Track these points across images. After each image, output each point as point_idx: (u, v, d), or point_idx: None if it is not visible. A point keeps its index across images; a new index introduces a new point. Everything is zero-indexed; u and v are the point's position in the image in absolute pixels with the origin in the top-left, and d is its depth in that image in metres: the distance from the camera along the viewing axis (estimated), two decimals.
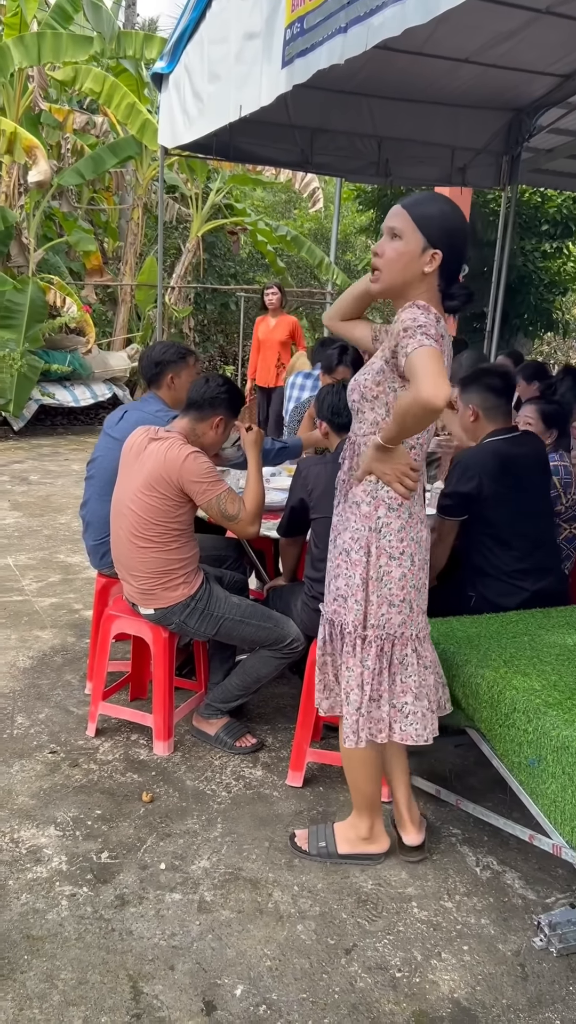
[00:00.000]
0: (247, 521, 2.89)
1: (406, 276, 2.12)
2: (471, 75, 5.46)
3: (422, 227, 2.08)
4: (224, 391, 2.94)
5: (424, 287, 2.14)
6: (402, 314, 2.08)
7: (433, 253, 2.09)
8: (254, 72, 3.94)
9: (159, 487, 2.80)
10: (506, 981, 2.10)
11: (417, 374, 1.95)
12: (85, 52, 7.95)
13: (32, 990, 1.98)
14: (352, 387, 2.26)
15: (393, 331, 2.09)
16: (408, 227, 2.09)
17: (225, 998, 2.00)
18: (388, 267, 2.13)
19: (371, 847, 2.51)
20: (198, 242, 11.33)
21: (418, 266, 2.10)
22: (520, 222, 10.38)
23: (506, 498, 2.90)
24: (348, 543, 2.27)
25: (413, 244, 2.09)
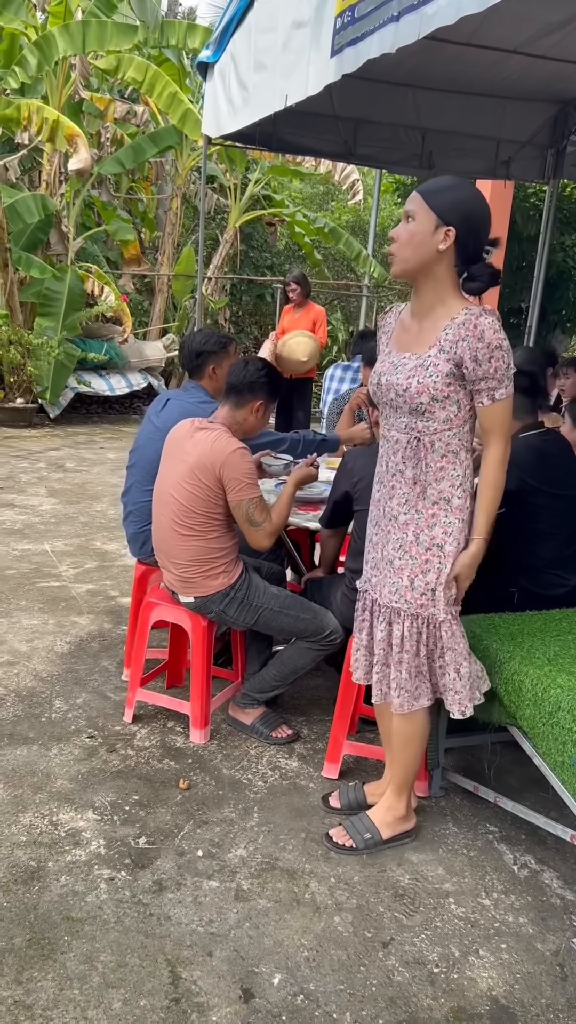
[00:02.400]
0: (267, 532, 2.89)
1: (420, 255, 2.16)
2: (519, 66, 5.38)
3: (433, 205, 2.13)
4: (263, 375, 2.93)
5: (442, 267, 2.17)
6: (482, 325, 2.12)
7: (447, 230, 2.12)
8: (301, 61, 3.91)
9: (203, 476, 2.80)
10: (545, 981, 2.09)
11: (505, 429, 2.22)
12: (129, 41, 7.97)
13: (72, 971, 2.00)
14: (418, 389, 2.21)
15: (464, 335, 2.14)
16: (420, 207, 2.14)
17: (263, 986, 2.00)
18: (402, 248, 2.18)
19: (408, 824, 2.57)
20: (235, 233, 11.33)
21: (432, 244, 2.14)
22: (561, 217, 10.26)
23: (544, 490, 2.87)
24: (441, 538, 2.29)
25: (426, 223, 2.14)
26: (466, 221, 2.13)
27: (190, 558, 2.89)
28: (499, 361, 2.14)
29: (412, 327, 2.30)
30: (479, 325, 2.13)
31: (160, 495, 2.97)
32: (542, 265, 7.35)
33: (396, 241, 2.19)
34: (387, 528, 2.38)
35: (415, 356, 2.25)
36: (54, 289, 8.80)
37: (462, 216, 2.13)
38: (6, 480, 6.68)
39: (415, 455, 2.29)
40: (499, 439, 2.24)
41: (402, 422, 2.30)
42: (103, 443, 8.54)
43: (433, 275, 2.19)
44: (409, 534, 2.32)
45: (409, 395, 2.23)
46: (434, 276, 2.19)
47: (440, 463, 2.27)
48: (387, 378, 2.30)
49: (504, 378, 2.17)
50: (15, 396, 8.99)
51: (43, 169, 9.38)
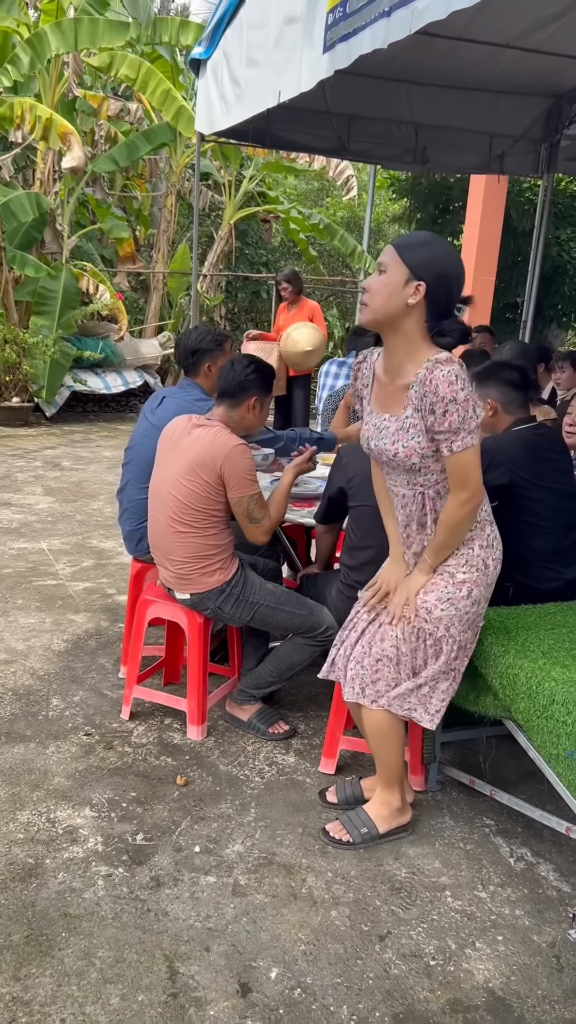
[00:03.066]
0: (265, 529, 2.91)
1: (389, 308, 2.17)
2: (512, 60, 5.38)
3: (405, 259, 2.14)
4: (252, 372, 2.93)
5: (412, 321, 2.19)
6: (436, 378, 2.13)
7: (417, 284, 2.14)
8: (294, 57, 3.91)
9: (201, 472, 2.80)
10: (541, 972, 2.10)
11: (467, 477, 2.21)
12: (121, 38, 7.95)
13: (70, 967, 2.01)
14: (406, 453, 2.26)
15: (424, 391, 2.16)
16: (393, 260, 2.16)
17: (260, 980, 2.01)
18: (372, 299, 2.19)
19: (404, 818, 2.58)
20: (230, 230, 11.33)
21: (402, 298, 2.15)
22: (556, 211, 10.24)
23: (536, 483, 2.88)
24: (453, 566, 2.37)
25: (397, 276, 2.15)
26: (437, 277, 2.15)
27: (186, 555, 2.90)
28: (453, 415, 2.14)
29: (387, 385, 2.32)
30: (433, 380, 2.14)
31: (156, 492, 2.97)
32: (537, 260, 7.35)
33: (368, 291, 2.21)
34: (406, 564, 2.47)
35: (394, 418, 2.28)
36: (49, 288, 8.79)
37: (434, 272, 2.14)
38: (2, 479, 6.68)
39: (425, 507, 2.35)
40: (460, 487, 2.24)
41: (403, 479, 2.36)
42: (99, 441, 8.54)
43: (402, 330, 2.20)
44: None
45: (399, 459, 2.28)
46: (403, 331, 2.20)
47: (441, 502, 2.34)
48: (375, 443, 2.35)
49: (460, 430, 2.16)
50: (11, 395, 8.98)
51: (37, 167, 9.36)
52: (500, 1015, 1.96)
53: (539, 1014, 1.97)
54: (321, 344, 6.97)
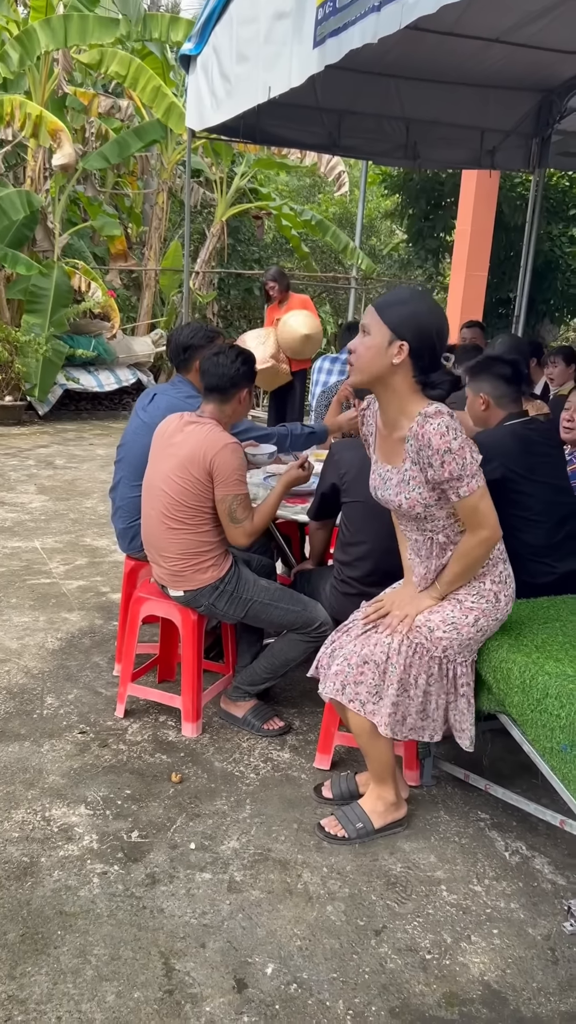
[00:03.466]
0: (247, 532, 2.89)
1: (374, 368, 2.23)
2: (501, 55, 5.38)
3: (387, 320, 2.19)
4: (239, 364, 2.92)
5: (399, 378, 2.24)
6: (427, 432, 2.18)
7: (400, 344, 2.19)
8: (284, 53, 3.90)
9: (193, 469, 2.80)
10: (536, 965, 2.10)
11: (481, 518, 2.26)
12: (111, 35, 7.92)
13: (66, 965, 2.01)
14: (409, 504, 2.32)
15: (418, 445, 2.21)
16: (374, 321, 2.21)
17: (256, 976, 2.01)
18: (358, 360, 2.25)
19: (399, 813, 2.59)
20: (222, 227, 11.31)
21: (386, 358, 2.21)
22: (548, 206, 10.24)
23: (528, 478, 2.88)
24: (462, 594, 2.41)
25: (379, 337, 2.20)
26: (419, 335, 2.19)
27: (180, 552, 2.89)
28: (451, 464, 2.19)
29: (387, 437, 2.38)
30: (425, 433, 2.19)
31: (149, 489, 2.97)
32: (529, 255, 7.36)
33: (353, 353, 2.26)
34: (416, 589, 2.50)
35: (395, 470, 2.34)
36: (41, 286, 8.76)
37: (414, 330, 2.19)
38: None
39: (437, 550, 2.40)
40: (477, 527, 2.29)
41: (412, 525, 2.41)
42: (92, 439, 8.52)
43: (391, 386, 2.26)
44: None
45: (404, 510, 2.34)
46: (392, 387, 2.26)
47: (455, 539, 2.38)
48: (381, 493, 2.42)
49: (463, 476, 2.21)
50: (3, 394, 8.95)
51: (27, 165, 9.33)
52: (495, 1008, 1.97)
53: (534, 1006, 1.98)
54: (318, 329, 6.79)
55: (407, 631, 2.38)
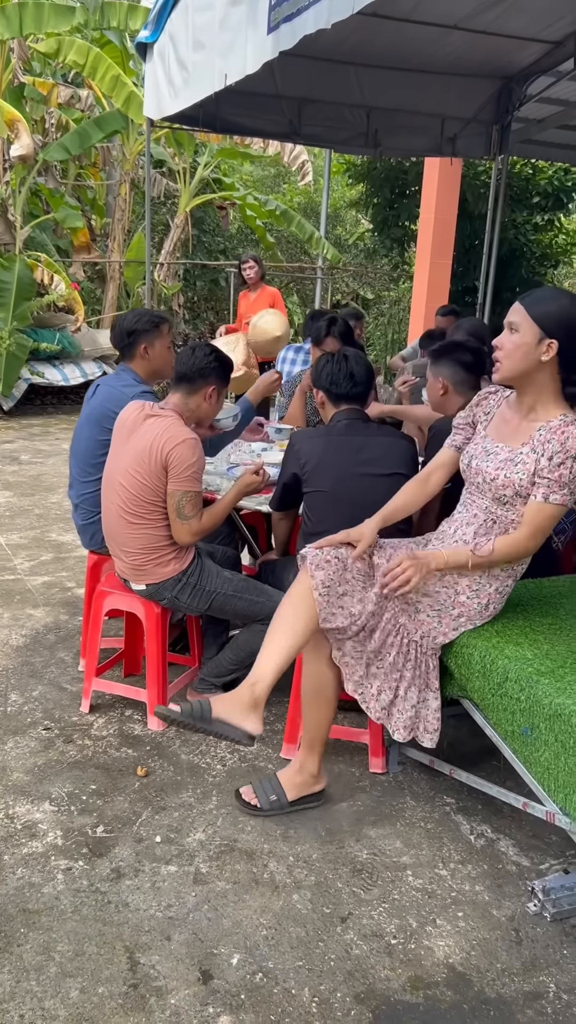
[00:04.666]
0: (192, 531, 2.85)
1: (524, 366, 2.26)
2: (460, 42, 5.37)
3: (536, 318, 2.21)
4: (212, 360, 2.91)
5: (545, 375, 2.27)
6: (570, 433, 2.21)
7: (550, 343, 2.21)
8: (239, 39, 3.87)
9: (151, 463, 2.77)
10: (500, 946, 2.12)
11: (540, 530, 2.29)
12: (67, 23, 7.81)
13: (29, 962, 1.99)
14: (504, 483, 2.33)
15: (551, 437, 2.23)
16: (524, 319, 2.23)
17: (222, 967, 2.01)
18: (507, 358, 2.27)
19: (316, 786, 2.62)
20: (186, 217, 11.23)
21: (535, 356, 2.23)
22: (511, 194, 10.28)
23: None
24: (465, 591, 2.42)
25: (529, 335, 2.22)
26: (571, 334, 2.21)
27: (140, 546, 2.87)
28: (566, 470, 2.22)
29: (512, 420, 2.39)
30: (567, 432, 2.22)
31: (109, 483, 2.94)
32: (493, 243, 7.38)
33: (500, 350, 2.28)
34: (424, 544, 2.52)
35: (508, 448, 2.35)
36: (2, 279, 8.64)
37: (566, 328, 2.21)
38: None
39: (487, 534, 2.40)
40: (533, 534, 2.31)
41: (483, 504, 2.41)
42: (59, 434, 8.44)
43: (535, 381, 2.29)
44: (448, 578, 2.44)
45: (496, 485, 2.34)
46: (536, 382, 2.29)
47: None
48: (477, 463, 2.41)
49: (565, 487, 2.24)
50: None
51: None
52: (460, 990, 1.98)
53: (498, 987, 1.99)
54: (288, 330, 6.95)
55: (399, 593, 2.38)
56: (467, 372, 3.03)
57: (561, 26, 5.21)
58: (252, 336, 6.75)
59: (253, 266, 7.34)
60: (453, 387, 3.02)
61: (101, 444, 3.15)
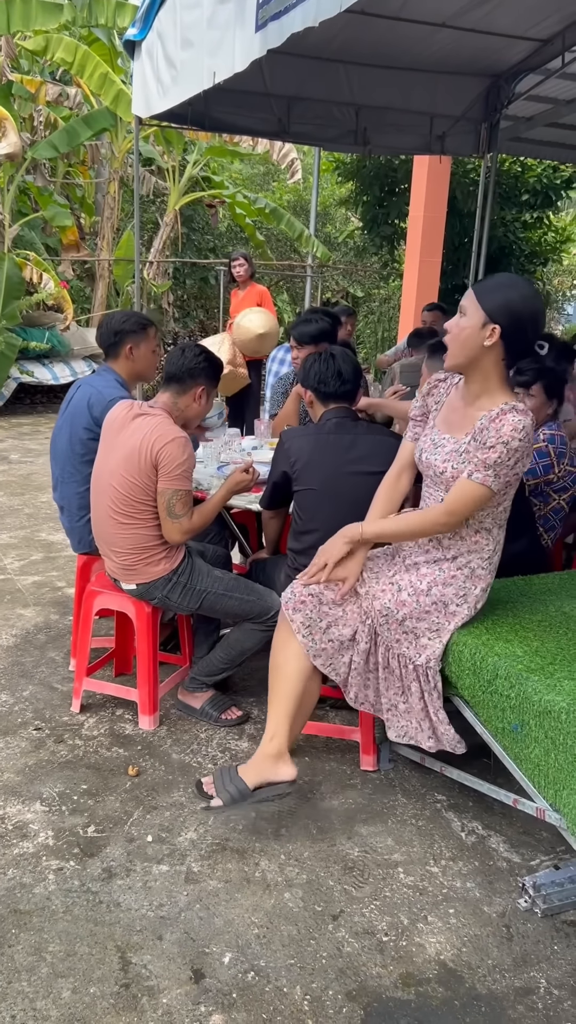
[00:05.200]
0: (183, 529, 2.85)
1: (467, 350, 2.27)
2: (448, 40, 5.37)
3: (483, 303, 2.23)
4: (202, 360, 2.91)
5: (489, 361, 2.28)
6: (506, 420, 2.21)
7: (493, 328, 2.22)
8: (227, 37, 3.86)
9: (140, 462, 2.77)
10: (492, 942, 2.13)
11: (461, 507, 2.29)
12: (55, 20, 7.78)
13: (20, 963, 1.99)
14: (452, 474, 2.34)
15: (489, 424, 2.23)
16: (472, 303, 2.25)
17: (213, 966, 2.01)
18: (453, 341, 2.29)
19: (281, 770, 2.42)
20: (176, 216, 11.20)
21: (478, 340, 2.24)
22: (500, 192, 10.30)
23: None
24: (451, 598, 2.41)
25: (474, 319, 2.24)
26: (513, 320, 2.22)
27: (130, 546, 2.86)
28: (495, 452, 2.22)
29: (459, 409, 2.40)
30: (503, 420, 2.23)
31: (98, 483, 2.93)
32: (483, 241, 7.38)
33: (449, 333, 2.30)
34: (400, 567, 2.51)
35: (453, 440, 2.36)
36: None
37: (510, 315, 2.22)
38: None
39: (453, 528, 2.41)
40: (451, 509, 2.32)
41: (439, 496, 2.41)
42: (48, 433, 8.38)
43: (481, 368, 2.29)
44: (424, 583, 2.42)
45: (445, 478, 2.35)
46: (482, 369, 2.30)
47: (475, 537, 2.41)
48: (427, 456, 2.43)
49: (490, 468, 2.23)
50: None
51: None
52: (452, 986, 1.99)
53: (489, 983, 2.00)
54: (274, 327, 6.92)
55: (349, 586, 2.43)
56: None
57: (549, 24, 5.21)
58: (237, 335, 6.76)
59: (243, 264, 7.35)
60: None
61: (81, 443, 3.16)
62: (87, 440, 3.14)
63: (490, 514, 2.38)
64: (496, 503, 2.36)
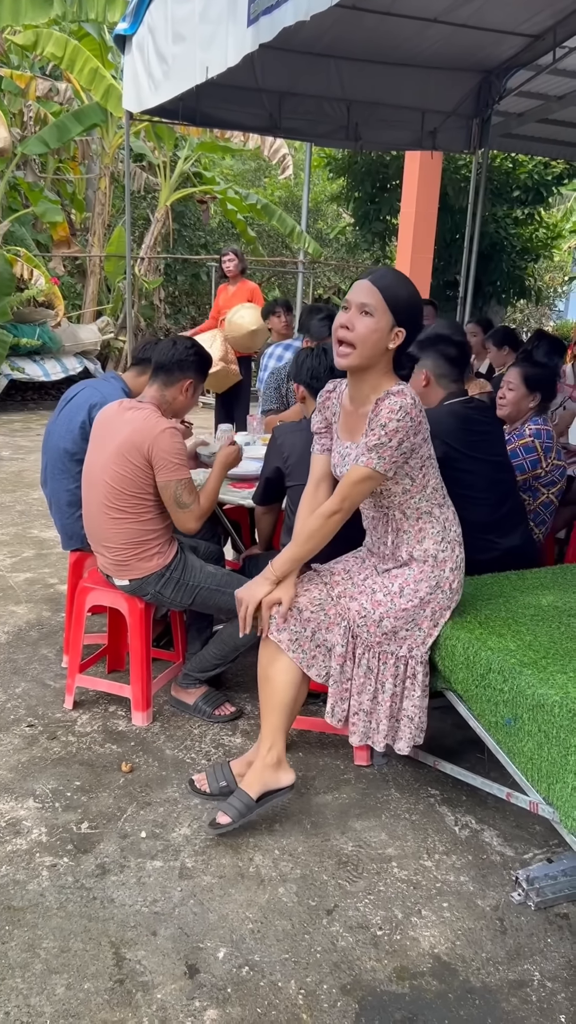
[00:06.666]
0: (195, 515, 2.86)
1: (376, 352, 2.24)
2: (440, 36, 5.38)
3: (391, 305, 2.20)
4: (192, 353, 2.91)
5: (386, 360, 2.30)
6: (383, 405, 2.21)
7: (398, 331, 2.23)
8: (219, 32, 3.85)
9: (131, 456, 2.76)
10: (485, 935, 2.13)
11: (348, 493, 2.29)
12: (44, 15, 7.72)
13: (14, 960, 1.98)
14: None
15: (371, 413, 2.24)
16: (379, 304, 2.20)
17: (208, 961, 2.01)
18: (363, 343, 2.22)
19: (282, 777, 2.45)
20: (167, 212, 11.18)
21: (385, 343, 2.24)
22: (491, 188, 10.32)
23: (469, 455, 2.91)
24: (424, 590, 2.42)
25: (384, 322, 2.21)
26: (414, 322, 2.25)
27: (123, 541, 2.86)
28: (374, 436, 2.23)
29: (352, 413, 2.40)
30: (381, 406, 2.23)
31: (89, 478, 2.92)
32: (474, 237, 7.40)
33: (352, 331, 2.21)
34: (371, 571, 2.53)
35: (355, 445, 2.36)
36: None
37: (411, 317, 2.25)
38: None
39: (392, 526, 2.44)
40: (337, 500, 2.32)
41: (369, 501, 2.43)
42: (40, 430, 8.39)
43: (376, 368, 2.30)
44: (395, 585, 2.44)
45: None
46: (377, 369, 2.30)
47: (417, 525, 2.41)
48: (339, 469, 2.44)
49: (372, 451, 2.23)
50: None
51: None
52: (445, 980, 1.99)
53: (483, 976, 2.01)
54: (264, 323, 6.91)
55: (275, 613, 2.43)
56: (451, 365, 3.03)
57: (540, 20, 5.23)
58: (228, 331, 6.76)
59: (233, 259, 7.30)
60: (435, 379, 3.03)
61: (74, 442, 3.16)
62: (80, 440, 3.14)
63: (423, 497, 2.38)
64: (422, 486, 2.36)
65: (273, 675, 2.49)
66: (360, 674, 2.48)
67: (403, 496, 2.37)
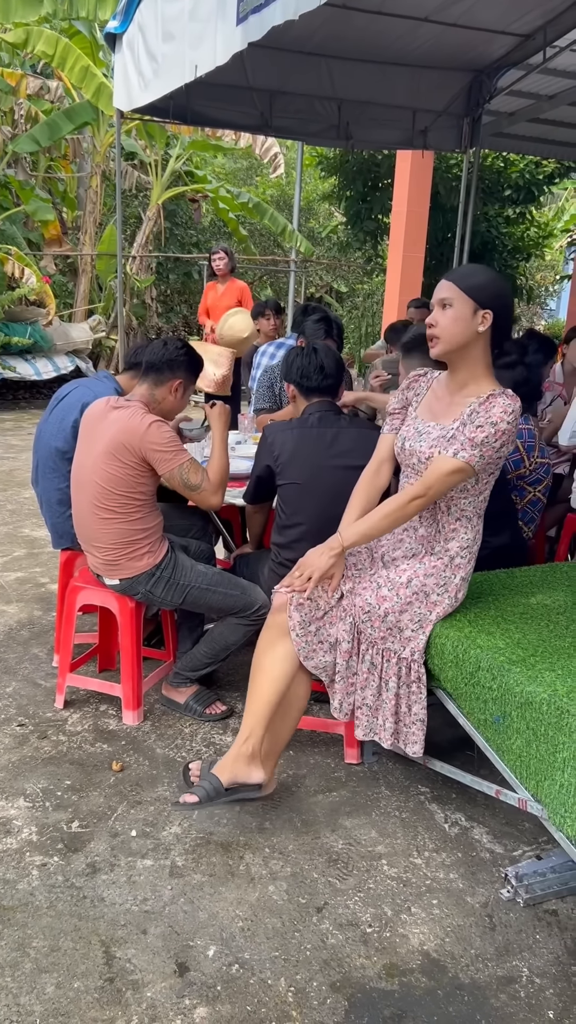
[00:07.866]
0: (210, 491, 2.88)
1: (463, 338, 2.31)
2: (431, 35, 5.38)
3: (470, 292, 2.28)
4: (183, 353, 2.91)
5: (479, 347, 2.34)
6: (496, 402, 2.26)
7: (484, 313, 2.29)
8: (209, 30, 3.84)
9: (120, 456, 2.76)
10: (474, 932, 2.14)
11: (437, 485, 2.29)
12: (35, 12, 7.72)
13: (3, 959, 1.98)
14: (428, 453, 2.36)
15: (479, 408, 2.27)
16: (456, 295, 2.29)
17: (198, 959, 2.01)
18: (445, 331, 2.31)
19: (252, 773, 2.40)
20: (159, 210, 11.16)
21: (472, 327, 2.30)
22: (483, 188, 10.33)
23: None
24: (432, 588, 2.42)
25: (463, 308, 2.29)
26: (501, 304, 2.31)
27: (113, 541, 2.86)
28: (482, 432, 2.25)
29: (444, 398, 2.43)
30: (494, 403, 2.27)
31: (78, 479, 2.92)
32: (466, 236, 7.40)
33: (436, 326, 2.32)
34: (379, 564, 2.54)
35: (439, 426, 2.38)
36: None
37: (497, 299, 2.30)
38: None
39: (431, 516, 2.46)
40: (424, 487, 2.32)
41: None
42: (31, 429, 8.37)
43: (470, 355, 2.34)
44: (403, 577, 2.44)
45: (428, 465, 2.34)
46: (471, 356, 2.34)
47: (454, 525, 2.43)
48: (410, 444, 2.44)
49: (477, 447, 2.26)
50: None
51: None
52: (435, 976, 2.00)
53: (472, 972, 2.02)
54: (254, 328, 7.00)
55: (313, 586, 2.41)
56: (438, 365, 3.03)
57: (530, 19, 5.23)
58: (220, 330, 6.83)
59: (223, 257, 7.30)
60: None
61: (65, 441, 3.15)
62: (72, 439, 3.13)
63: (472, 502, 2.40)
64: (478, 491, 2.39)
65: (267, 664, 2.48)
66: (364, 669, 2.49)
67: (460, 493, 2.38)
